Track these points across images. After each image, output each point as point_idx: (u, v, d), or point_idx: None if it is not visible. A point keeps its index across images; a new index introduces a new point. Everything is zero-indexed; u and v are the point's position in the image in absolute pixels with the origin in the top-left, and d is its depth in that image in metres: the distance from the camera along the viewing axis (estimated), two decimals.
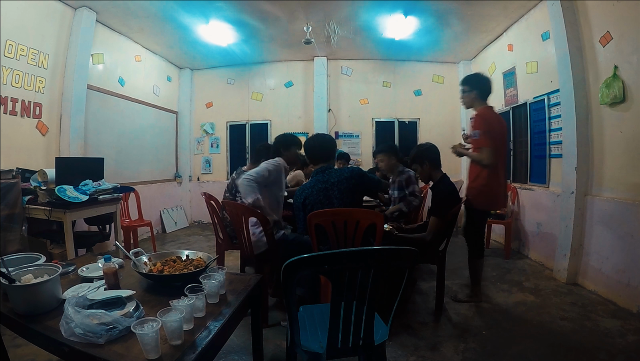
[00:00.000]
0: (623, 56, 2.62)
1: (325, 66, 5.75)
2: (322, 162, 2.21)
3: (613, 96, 2.67)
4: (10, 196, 2.54)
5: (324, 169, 2.17)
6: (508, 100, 4.50)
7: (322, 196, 2.10)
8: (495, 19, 4.19)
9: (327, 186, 2.10)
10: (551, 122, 3.60)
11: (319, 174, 2.16)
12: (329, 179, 2.11)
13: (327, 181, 2.11)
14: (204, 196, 3.00)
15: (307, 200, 2.15)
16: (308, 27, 4.39)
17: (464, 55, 5.56)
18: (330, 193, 2.10)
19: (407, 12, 4.06)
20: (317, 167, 2.24)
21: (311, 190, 2.15)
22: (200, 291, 1.19)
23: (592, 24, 2.93)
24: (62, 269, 1.48)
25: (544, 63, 3.67)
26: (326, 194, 2.10)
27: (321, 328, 1.43)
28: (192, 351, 0.96)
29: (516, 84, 4.29)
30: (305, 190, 2.18)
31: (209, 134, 6.29)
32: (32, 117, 3.38)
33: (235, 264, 3.43)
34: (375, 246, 1.75)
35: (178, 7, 3.89)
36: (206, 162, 6.34)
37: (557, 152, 3.49)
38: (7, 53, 3.07)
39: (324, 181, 2.12)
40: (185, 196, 6.25)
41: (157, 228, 5.41)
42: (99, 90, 4.21)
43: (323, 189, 2.11)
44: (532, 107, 3.96)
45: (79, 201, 2.76)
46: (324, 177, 2.13)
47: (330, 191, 2.10)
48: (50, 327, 1.07)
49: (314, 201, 2.12)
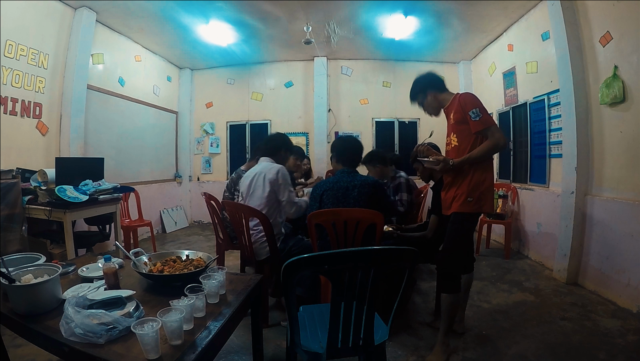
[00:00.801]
0: (623, 56, 2.62)
1: (325, 66, 5.75)
2: (347, 166, 2.29)
3: (613, 96, 2.67)
4: (10, 196, 2.54)
5: (350, 172, 2.26)
6: (508, 100, 4.50)
7: (341, 193, 2.18)
8: (495, 19, 4.19)
9: (349, 186, 2.19)
10: (551, 122, 3.60)
11: (345, 175, 2.25)
12: (353, 180, 2.20)
13: (350, 181, 2.20)
14: (204, 196, 3.01)
15: (325, 194, 2.22)
16: (308, 27, 4.39)
17: (464, 56, 5.56)
18: (349, 193, 2.17)
19: (407, 12, 4.06)
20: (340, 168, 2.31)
21: (332, 185, 2.22)
22: (200, 291, 1.19)
23: (592, 24, 2.93)
24: (62, 269, 1.48)
25: (544, 63, 3.67)
26: (345, 193, 2.18)
27: (321, 328, 1.43)
28: (192, 351, 0.96)
29: (516, 84, 4.29)
30: (327, 184, 2.25)
31: (209, 134, 6.29)
32: (32, 117, 3.38)
33: (235, 264, 3.43)
34: (375, 246, 1.75)
35: (178, 7, 3.89)
36: (206, 162, 6.34)
37: (557, 152, 3.49)
38: (7, 53, 3.07)
39: (347, 181, 2.21)
40: (185, 196, 6.25)
41: (157, 228, 5.41)
42: (99, 90, 4.21)
43: (344, 187, 2.19)
44: (532, 107, 3.96)
45: (79, 201, 2.76)
46: (348, 178, 2.22)
47: (349, 191, 2.18)
48: (50, 327, 1.07)
49: (331, 195, 2.19)
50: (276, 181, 2.35)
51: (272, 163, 2.46)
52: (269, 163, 2.46)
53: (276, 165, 2.43)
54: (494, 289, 3.01)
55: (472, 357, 1.99)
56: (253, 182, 2.43)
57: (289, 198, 2.38)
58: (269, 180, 2.35)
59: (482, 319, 2.45)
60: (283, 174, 2.38)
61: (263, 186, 2.37)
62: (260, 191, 2.38)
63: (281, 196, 2.38)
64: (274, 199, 2.38)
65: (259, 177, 2.40)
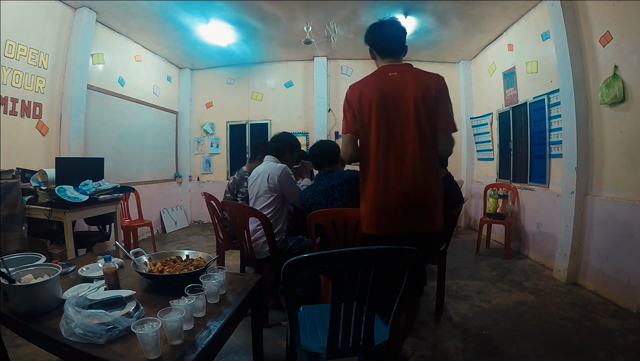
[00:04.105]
0: (623, 56, 2.62)
1: (325, 66, 5.75)
2: (326, 166, 2.28)
3: (613, 95, 2.67)
4: (10, 196, 2.54)
5: (327, 172, 2.24)
6: (508, 100, 4.50)
7: (322, 197, 2.16)
8: (495, 19, 4.19)
9: (328, 187, 2.17)
10: (551, 122, 3.60)
11: (322, 177, 2.23)
12: (330, 181, 2.18)
13: (328, 183, 2.18)
14: (204, 196, 3.01)
15: (309, 201, 2.21)
16: (308, 27, 4.39)
17: (464, 55, 5.56)
18: (332, 194, 2.16)
19: (407, 12, 4.05)
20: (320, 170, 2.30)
21: (312, 191, 2.21)
22: (200, 291, 1.19)
23: (592, 24, 2.93)
24: (62, 269, 1.48)
25: (544, 63, 3.67)
26: (327, 195, 2.16)
27: (321, 328, 1.43)
28: (192, 351, 0.96)
29: (516, 84, 4.29)
30: (309, 191, 2.25)
31: (209, 134, 6.29)
32: (32, 117, 3.37)
33: (235, 264, 3.43)
34: (375, 246, 1.75)
35: (178, 7, 3.89)
36: (206, 162, 6.34)
37: (557, 152, 3.49)
38: (7, 53, 3.07)
39: (325, 183, 2.19)
40: (185, 196, 6.25)
41: (157, 228, 5.40)
42: (99, 90, 4.21)
43: (324, 190, 2.17)
44: (532, 107, 3.96)
45: (79, 201, 2.76)
46: (326, 179, 2.20)
47: (331, 192, 2.16)
48: (50, 327, 1.07)
49: (315, 202, 2.18)
50: (281, 181, 2.35)
51: (276, 163, 2.46)
52: (273, 163, 2.46)
53: (280, 165, 2.43)
54: (494, 289, 3.01)
55: (472, 357, 1.99)
56: (258, 182, 2.44)
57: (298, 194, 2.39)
58: (274, 180, 2.35)
59: (482, 319, 2.45)
60: (287, 174, 2.38)
61: (267, 185, 2.37)
62: (264, 191, 2.39)
63: (289, 196, 2.40)
64: (279, 197, 2.39)
65: (264, 177, 2.41)
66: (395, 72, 1.58)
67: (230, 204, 2.51)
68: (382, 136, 1.54)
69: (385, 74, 1.59)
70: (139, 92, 5.04)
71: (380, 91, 1.55)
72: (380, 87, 1.56)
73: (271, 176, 2.37)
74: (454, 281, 3.17)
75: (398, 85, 1.55)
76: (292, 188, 2.39)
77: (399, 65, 1.62)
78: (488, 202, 4.19)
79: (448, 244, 2.51)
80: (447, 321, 2.43)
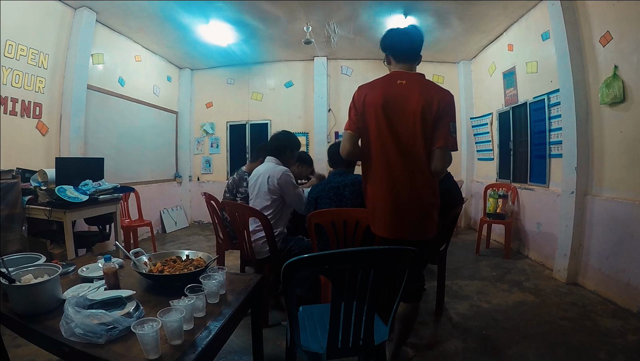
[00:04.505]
0: (623, 56, 2.62)
1: (325, 66, 5.75)
2: (341, 167, 2.30)
3: (613, 95, 2.67)
4: (10, 196, 2.54)
5: (342, 172, 2.27)
6: (508, 100, 4.50)
7: (333, 193, 2.19)
8: (495, 19, 4.19)
9: (340, 185, 2.20)
10: (551, 122, 3.60)
11: (336, 175, 2.26)
12: (344, 180, 2.21)
13: (341, 181, 2.21)
14: (204, 196, 3.01)
15: (319, 196, 2.23)
16: (308, 27, 4.39)
17: (464, 55, 5.55)
18: (342, 192, 2.18)
19: (407, 12, 4.05)
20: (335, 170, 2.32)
21: (324, 187, 2.23)
22: (200, 291, 1.19)
23: (592, 24, 2.93)
24: (62, 269, 1.48)
25: (544, 63, 3.67)
26: (337, 192, 2.19)
27: (321, 328, 1.43)
28: (192, 351, 0.96)
29: (516, 84, 4.29)
30: (319, 186, 2.27)
31: (209, 134, 6.29)
32: (32, 117, 3.37)
33: (235, 264, 3.43)
34: (375, 246, 1.75)
35: (178, 7, 3.89)
36: (206, 162, 6.34)
37: (557, 152, 3.49)
38: (7, 53, 3.07)
39: (338, 181, 2.22)
40: (185, 196, 6.25)
41: (157, 228, 5.40)
42: (99, 90, 4.21)
43: (335, 187, 2.20)
44: (532, 107, 3.96)
45: (79, 201, 2.76)
46: (339, 178, 2.24)
47: (342, 190, 2.19)
48: (50, 327, 1.07)
49: (324, 196, 2.20)
50: (281, 184, 2.35)
51: (276, 165, 2.46)
52: (274, 164, 2.46)
53: (280, 167, 2.43)
54: (494, 289, 3.01)
55: (472, 357, 1.99)
56: (258, 183, 2.44)
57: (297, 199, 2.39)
58: (273, 182, 2.35)
59: (482, 319, 2.45)
60: (286, 177, 2.38)
61: (267, 187, 2.37)
62: (264, 192, 2.39)
63: (288, 199, 2.39)
64: (279, 200, 2.39)
65: (263, 178, 2.40)
66: (404, 81, 1.59)
67: (230, 204, 2.51)
68: (381, 141, 1.58)
69: (393, 81, 1.61)
70: (139, 92, 5.04)
71: (385, 96, 1.57)
72: (386, 93, 1.58)
73: (271, 178, 2.37)
74: (454, 281, 3.17)
75: (404, 94, 1.56)
76: (291, 192, 2.38)
77: (410, 74, 1.63)
78: (488, 202, 4.19)
79: (448, 244, 2.51)
80: (447, 321, 2.43)
